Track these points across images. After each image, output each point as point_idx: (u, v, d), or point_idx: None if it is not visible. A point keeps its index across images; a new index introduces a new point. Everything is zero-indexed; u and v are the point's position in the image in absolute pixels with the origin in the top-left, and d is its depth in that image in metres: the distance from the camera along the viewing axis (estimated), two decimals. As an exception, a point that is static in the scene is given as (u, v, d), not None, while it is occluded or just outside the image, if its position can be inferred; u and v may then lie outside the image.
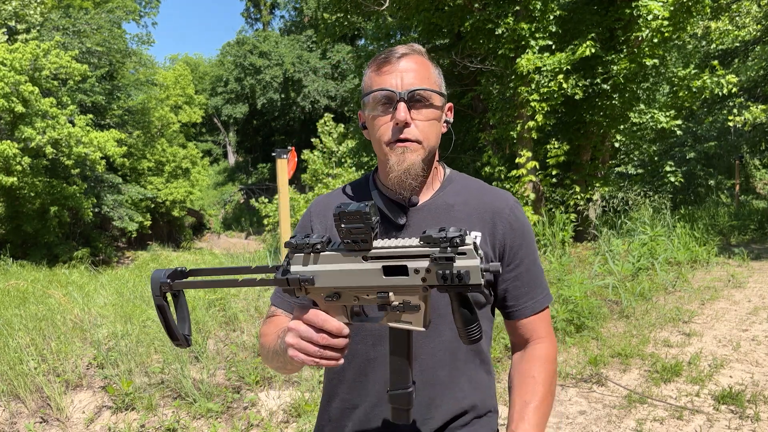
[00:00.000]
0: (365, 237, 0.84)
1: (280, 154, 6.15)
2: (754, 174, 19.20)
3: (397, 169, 1.13)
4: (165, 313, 0.94)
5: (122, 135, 16.57)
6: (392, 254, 0.85)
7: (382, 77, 1.13)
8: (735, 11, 13.13)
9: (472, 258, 0.81)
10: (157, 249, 20.75)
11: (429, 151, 1.16)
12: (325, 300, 0.91)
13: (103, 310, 5.04)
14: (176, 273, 0.94)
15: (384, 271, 0.86)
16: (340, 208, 0.84)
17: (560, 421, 3.57)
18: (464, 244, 0.81)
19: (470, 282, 0.81)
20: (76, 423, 3.46)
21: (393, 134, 1.13)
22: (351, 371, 1.22)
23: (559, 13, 8.88)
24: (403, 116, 1.10)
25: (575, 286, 5.45)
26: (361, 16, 12.58)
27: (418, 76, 1.13)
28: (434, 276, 0.83)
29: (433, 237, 0.82)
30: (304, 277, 0.88)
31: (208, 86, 35.05)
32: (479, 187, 1.28)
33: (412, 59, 1.15)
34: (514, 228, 1.21)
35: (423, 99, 1.14)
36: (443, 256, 0.81)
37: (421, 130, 1.14)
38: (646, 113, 10.00)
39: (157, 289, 0.93)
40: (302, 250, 0.89)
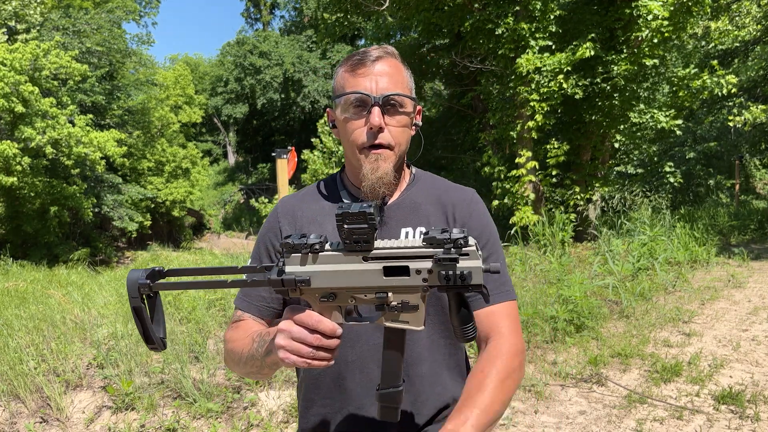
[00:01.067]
0: (368, 237, 0.84)
1: (280, 154, 6.16)
2: (754, 174, 19.20)
3: (370, 178, 1.14)
4: (142, 315, 0.91)
5: (122, 135, 16.56)
6: (394, 255, 0.85)
7: (357, 79, 1.14)
8: (735, 11, 13.13)
9: (474, 259, 0.81)
10: (157, 249, 20.74)
11: (400, 156, 1.19)
12: (320, 300, 0.90)
13: (103, 310, 5.04)
14: (155, 273, 0.91)
15: (385, 271, 0.85)
16: (343, 208, 0.83)
17: (560, 421, 3.57)
18: (468, 245, 0.81)
19: (472, 282, 0.81)
20: (76, 423, 3.46)
21: (368, 138, 1.14)
22: (328, 376, 1.21)
23: (559, 13, 8.89)
24: (378, 121, 1.11)
25: (575, 286, 5.45)
26: (361, 16, 12.59)
27: (392, 81, 1.14)
28: (436, 276, 0.83)
29: (436, 238, 0.81)
30: (300, 278, 0.87)
31: (208, 86, 35.04)
32: (443, 185, 1.31)
33: (386, 62, 1.15)
34: (473, 220, 1.23)
35: (397, 104, 1.15)
36: (447, 257, 0.81)
37: (394, 135, 1.15)
38: (646, 113, 10.00)
39: (135, 291, 0.90)
40: (299, 250, 0.87)
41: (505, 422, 3.55)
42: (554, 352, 4.67)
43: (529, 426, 3.53)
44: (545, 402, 3.84)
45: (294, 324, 0.90)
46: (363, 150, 1.15)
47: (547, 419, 3.61)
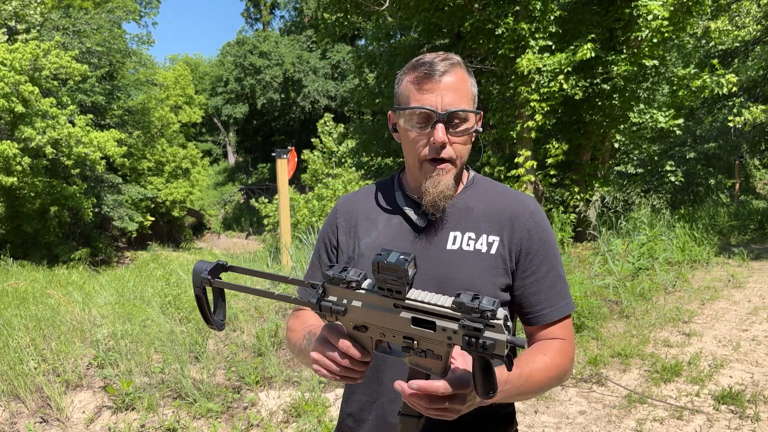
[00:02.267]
0: (399, 289, 0.87)
1: (280, 154, 6.16)
2: (754, 174, 19.20)
3: (431, 192, 1.17)
4: (201, 302, 1.00)
5: (122, 135, 16.57)
6: (423, 309, 0.89)
7: (423, 95, 1.15)
8: (735, 11, 13.13)
9: (500, 333, 0.83)
10: (157, 249, 20.75)
11: (461, 167, 1.21)
12: (353, 329, 0.95)
13: (103, 310, 5.04)
14: (217, 268, 0.98)
15: (413, 320, 0.89)
16: (381, 257, 0.86)
17: (560, 421, 3.57)
18: (495, 318, 0.83)
19: (494, 352, 0.84)
20: (76, 423, 3.46)
21: (430, 153, 1.16)
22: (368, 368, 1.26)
23: (559, 14, 8.88)
24: (442, 138, 1.13)
25: (575, 286, 5.46)
26: (361, 16, 12.58)
27: (457, 96, 1.15)
28: (460, 338, 0.86)
29: (465, 305, 0.84)
30: (335, 308, 0.93)
31: (208, 86, 35.04)
32: (501, 190, 1.29)
33: (453, 75, 1.16)
34: (532, 234, 1.21)
35: (461, 120, 1.16)
36: (472, 326, 0.84)
37: (456, 150, 1.17)
38: (646, 113, 10.00)
39: (198, 282, 0.98)
40: (338, 284, 0.92)
41: (505, 422, 3.54)
42: (554, 352, 4.67)
43: (529, 426, 3.53)
44: (545, 402, 3.84)
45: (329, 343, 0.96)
46: (424, 162, 1.18)
47: (547, 419, 3.61)
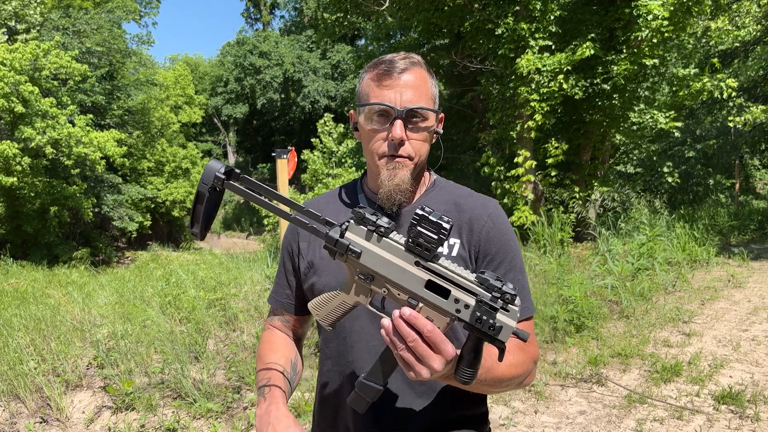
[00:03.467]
0: (431, 248, 0.86)
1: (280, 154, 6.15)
2: (753, 174, 19.19)
3: (387, 185, 1.16)
4: (201, 201, 0.95)
5: (122, 135, 16.56)
6: (443, 274, 0.87)
7: (382, 91, 1.16)
8: (735, 11, 13.13)
9: (512, 318, 0.84)
10: (157, 249, 20.72)
11: (418, 165, 1.20)
12: (358, 277, 0.93)
13: (103, 310, 5.04)
14: (233, 173, 0.95)
15: (427, 283, 0.88)
16: (425, 211, 0.85)
17: (560, 421, 3.57)
18: (514, 303, 0.84)
19: (498, 337, 0.84)
20: (76, 423, 3.46)
21: (389, 149, 1.16)
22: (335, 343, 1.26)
23: (559, 13, 8.88)
24: (399, 134, 1.14)
25: (575, 286, 5.45)
26: (361, 16, 12.58)
27: (417, 93, 1.15)
28: (469, 314, 0.85)
29: (489, 282, 0.84)
30: (353, 248, 0.90)
31: (208, 86, 35.03)
32: (462, 194, 1.30)
33: (412, 73, 1.16)
34: (491, 236, 1.21)
35: (420, 117, 1.16)
36: (490, 304, 0.83)
37: (414, 147, 1.17)
38: (646, 113, 10.00)
39: (209, 178, 0.93)
40: (365, 225, 0.90)
41: (505, 422, 3.55)
42: (554, 352, 4.67)
43: (529, 426, 3.53)
44: (545, 402, 3.84)
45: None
46: (383, 158, 1.18)
47: (547, 419, 3.61)
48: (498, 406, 3.76)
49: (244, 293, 5.54)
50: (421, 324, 0.85)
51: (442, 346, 0.86)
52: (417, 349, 0.86)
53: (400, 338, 0.87)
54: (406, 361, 0.87)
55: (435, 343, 0.85)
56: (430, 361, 0.86)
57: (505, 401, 3.83)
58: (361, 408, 0.99)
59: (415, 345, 0.86)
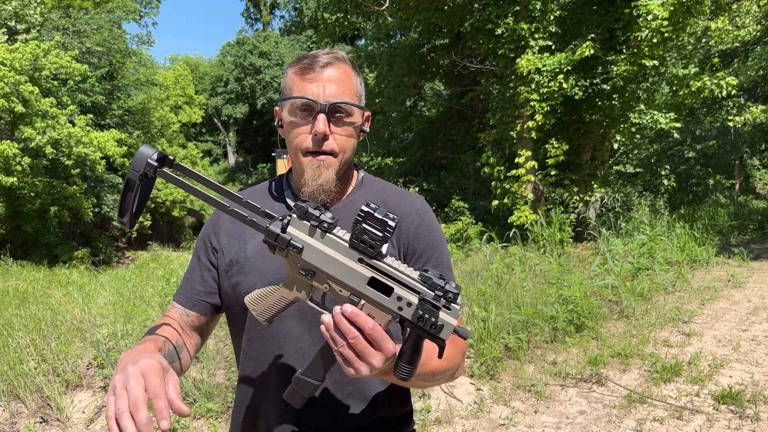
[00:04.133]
0: (375, 245, 0.85)
1: (280, 154, 6.16)
2: (753, 174, 19.19)
3: (311, 184, 1.15)
4: (131, 189, 0.90)
5: (122, 135, 16.56)
6: (386, 271, 0.86)
7: (305, 84, 1.13)
8: (735, 11, 13.13)
9: (453, 317, 0.83)
10: (157, 249, 20.73)
11: (343, 163, 1.18)
12: (298, 273, 0.91)
13: (103, 310, 5.04)
14: (166, 159, 0.90)
15: (369, 281, 0.87)
16: (370, 208, 0.84)
17: (560, 421, 3.57)
18: (456, 302, 0.83)
19: (440, 335, 0.83)
20: (76, 423, 3.46)
21: (312, 144, 1.14)
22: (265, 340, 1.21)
23: (559, 13, 8.89)
24: (323, 128, 1.12)
25: (575, 286, 5.45)
26: (361, 16, 12.60)
27: (340, 88, 1.14)
28: (411, 311, 0.84)
29: (432, 280, 0.83)
30: (294, 244, 0.88)
31: (208, 86, 35.04)
32: (390, 191, 1.28)
33: (336, 68, 1.15)
34: (419, 233, 1.21)
35: (344, 112, 1.15)
36: (433, 303, 0.82)
37: (338, 142, 1.15)
38: (646, 114, 10.01)
39: (140, 165, 0.88)
40: (308, 220, 0.88)
41: (505, 422, 3.55)
42: (554, 352, 4.67)
43: (529, 426, 3.53)
44: (545, 402, 3.84)
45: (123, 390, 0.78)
46: (307, 154, 1.15)
47: (547, 419, 3.61)
48: (498, 406, 3.77)
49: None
50: (363, 321, 0.84)
51: (383, 343, 0.85)
52: (357, 346, 0.85)
53: (340, 335, 0.86)
54: (346, 358, 0.86)
55: (376, 340, 0.85)
56: (370, 358, 0.85)
57: (505, 401, 3.83)
58: (297, 403, 0.98)
59: (356, 342, 0.85)
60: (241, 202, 0.91)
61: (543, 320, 4.98)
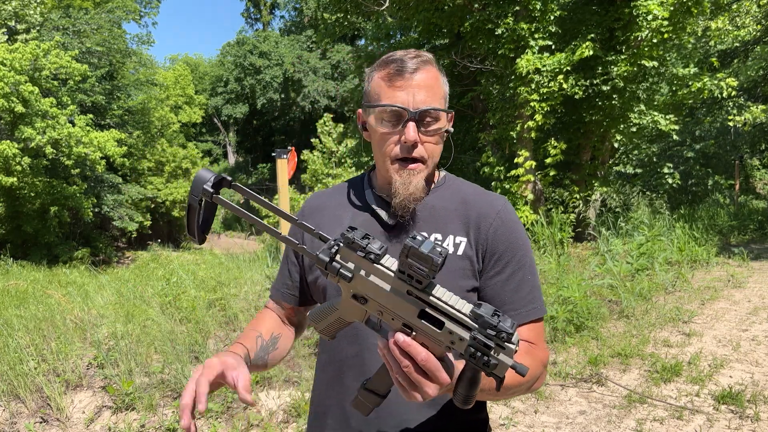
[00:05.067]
0: (422, 280, 0.82)
1: (280, 154, 6.15)
2: (753, 174, 19.19)
3: (401, 194, 1.14)
4: (192, 213, 0.94)
5: (122, 135, 16.57)
6: (435, 305, 0.84)
7: (394, 91, 1.12)
8: (735, 11, 13.13)
9: (508, 356, 0.81)
10: (157, 249, 20.73)
11: (432, 168, 1.19)
12: (351, 296, 0.90)
13: (103, 310, 5.04)
14: (221, 182, 0.93)
15: (420, 313, 0.85)
16: (415, 241, 0.80)
17: (560, 421, 3.58)
18: (510, 342, 0.80)
19: (495, 373, 0.81)
20: (76, 423, 3.46)
21: (401, 152, 1.14)
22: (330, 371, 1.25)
23: (559, 13, 8.89)
24: (413, 136, 1.11)
25: (574, 286, 5.45)
26: (361, 16, 12.59)
27: (429, 93, 1.13)
28: (463, 346, 0.82)
29: (484, 318, 0.80)
30: (343, 273, 0.87)
31: (208, 86, 35.04)
32: (471, 191, 1.26)
33: (425, 73, 1.14)
34: (498, 234, 1.18)
35: (433, 119, 1.14)
36: (483, 342, 0.80)
37: (428, 149, 1.15)
38: (646, 114, 10.01)
39: (197, 191, 0.91)
40: (355, 250, 0.86)
41: (505, 422, 3.55)
42: (554, 352, 4.67)
43: (529, 426, 3.53)
44: (545, 402, 3.84)
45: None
46: (395, 161, 1.15)
47: (547, 419, 3.61)
48: (498, 406, 3.76)
49: (244, 293, 5.54)
50: (415, 352, 0.83)
51: (437, 374, 0.84)
52: (411, 376, 0.84)
53: (394, 362, 0.86)
54: (400, 384, 0.86)
55: (430, 370, 0.84)
56: (424, 387, 0.85)
57: (505, 401, 3.83)
58: (365, 412, 0.98)
59: (409, 371, 0.84)
60: (296, 223, 0.91)
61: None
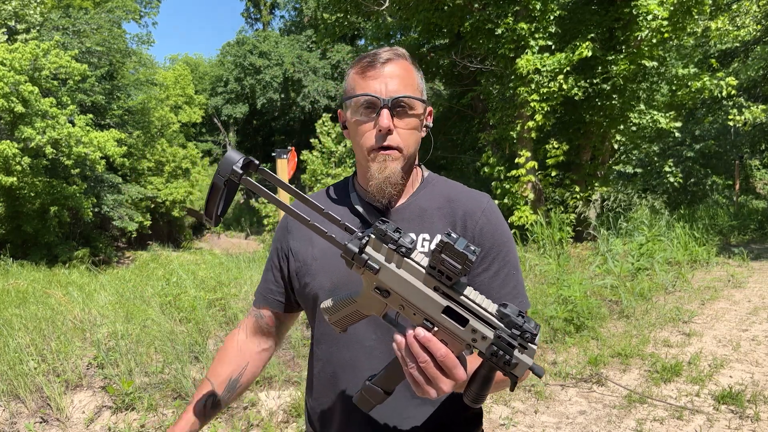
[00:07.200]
0: (453, 277, 0.83)
1: (280, 154, 6.16)
2: (753, 174, 19.20)
3: (377, 177, 1.15)
4: (215, 193, 0.92)
5: (122, 135, 16.55)
6: (464, 303, 0.85)
7: (367, 82, 1.15)
8: (735, 11, 13.13)
9: (529, 356, 0.82)
10: (157, 249, 20.72)
11: (408, 158, 1.19)
12: (374, 290, 0.90)
13: (103, 310, 5.04)
14: (251, 164, 0.91)
15: (444, 309, 0.85)
16: (450, 238, 0.82)
17: (560, 421, 3.57)
18: (533, 342, 0.81)
19: (514, 372, 0.82)
20: (76, 423, 3.46)
21: (376, 141, 1.15)
22: (324, 376, 1.25)
23: (559, 13, 8.89)
24: (387, 123, 1.12)
25: (575, 286, 5.45)
26: (360, 16, 12.59)
27: (402, 83, 1.14)
28: (485, 345, 0.83)
29: (510, 318, 0.81)
30: (371, 265, 0.87)
31: (208, 86, 35.01)
32: (456, 189, 1.27)
33: (397, 64, 1.16)
34: (484, 232, 1.19)
35: (406, 106, 1.15)
36: (509, 341, 0.81)
37: (402, 137, 1.15)
38: (646, 114, 10.01)
39: (226, 171, 0.89)
40: (387, 243, 0.87)
41: (505, 422, 3.55)
42: (554, 352, 4.67)
43: (529, 426, 3.53)
44: (545, 402, 3.84)
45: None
46: (372, 152, 1.16)
47: (547, 419, 3.61)
48: (498, 406, 3.76)
49: (244, 293, 5.54)
50: (435, 347, 0.84)
51: (454, 371, 0.85)
52: (428, 371, 0.85)
53: (411, 357, 0.86)
54: (415, 380, 0.87)
55: (447, 367, 0.85)
56: (440, 383, 0.85)
57: (505, 401, 3.83)
58: (367, 408, 0.99)
59: (426, 367, 0.85)
60: (321, 213, 0.91)
61: (543, 320, 4.98)
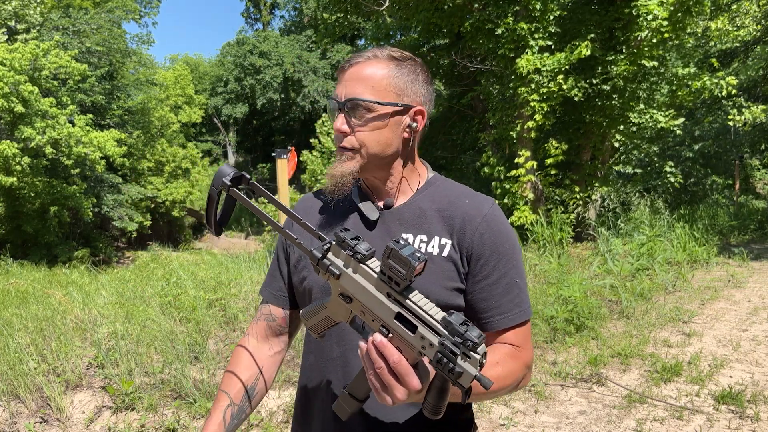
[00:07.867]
0: (400, 282, 0.86)
1: (280, 154, 6.16)
2: (753, 174, 19.20)
3: (328, 173, 1.18)
4: (211, 205, 1.02)
5: (122, 135, 16.55)
6: (411, 309, 0.87)
7: (336, 86, 1.19)
8: (735, 11, 13.13)
9: (473, 365, 0.82)
10: (157, 249, 20.72)
11: (370, 158, 1.16)
12: (338, 296, 0.95)
13: (103, 310, 5.04)
14: (240, 178, 1.00)
15: (396, 315, 0.88)
16: (397, 245, 0.85)
17: (560, 421, 3.58)
18: (476, 351, 0.81)
19: (458, 381, 0.83)
20: (76, 423, 3.46)
21: (336, 141, 1.18)
22: (315, 372, 1.26)
23: (559, 13, 8.89)
24: (337, 126, 1.15)
25: (575, 286, 5.45)
26: (360, 16, 12.59)
27: (362, 85, 1.13)
28: (432, 353, 0.84)
29: (453, 325, 0.82)
30: (332, 271, 0.92)
31: (208, 86, 35.02)
32: (458, 193, 1.24)
33: (364, 65, 1.14)
34: (484, 238, 1.15)
35: (362, 108, 1.13)
36: (449, 348, 0.82)
37: (359, 138, 1.14)
38: (646, 113, 10.01)
39: (217, 183, 0.99)
40: (344, 249, 0.92)
41: (505, 422, 3.55)
42: (554, 352, 4.67)
43: (529, 426, 3.53)
44: (545, 402, 3.84)
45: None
46: (336, 152, 1.20)
47: (547, 419, 3.61)
48: (498, 406, 3.77)
49: (244, 293, 5.54)
50: (388, 353, 0.85)
51: (407, 378, 0.85)
52: (383, 377, 0.86)
53: (369, 362, 0.87)
54: (374, 386, 0.88)
55: (400, 374, 0.85)
56: (394, 391, 0.86)
57: (505, 401, 3.83)
58: (344, 416, 1.01)
59: (381, 372, 0.85)
60: (299, 222, 0.97)
61: (543, 320, 4.98)
